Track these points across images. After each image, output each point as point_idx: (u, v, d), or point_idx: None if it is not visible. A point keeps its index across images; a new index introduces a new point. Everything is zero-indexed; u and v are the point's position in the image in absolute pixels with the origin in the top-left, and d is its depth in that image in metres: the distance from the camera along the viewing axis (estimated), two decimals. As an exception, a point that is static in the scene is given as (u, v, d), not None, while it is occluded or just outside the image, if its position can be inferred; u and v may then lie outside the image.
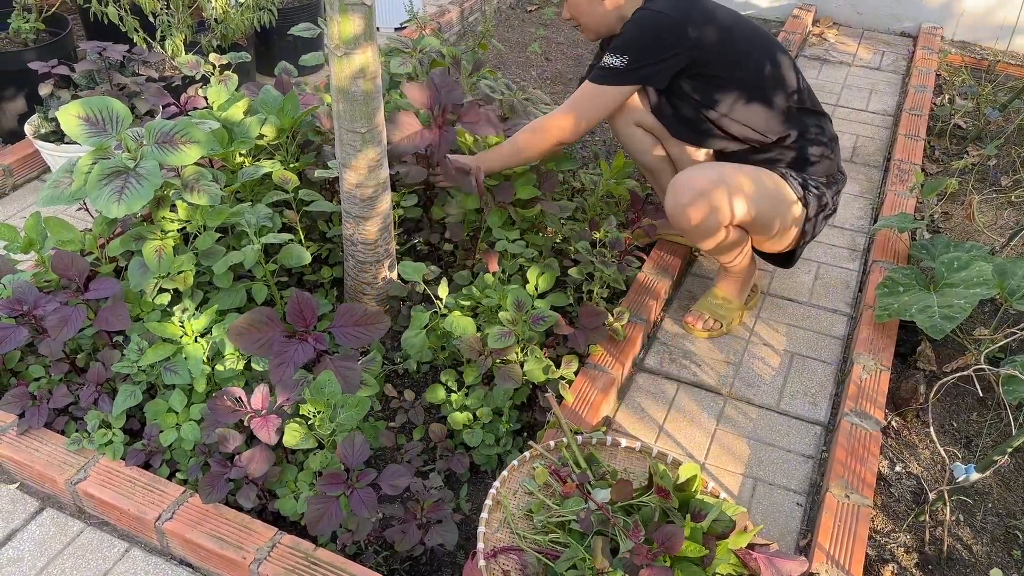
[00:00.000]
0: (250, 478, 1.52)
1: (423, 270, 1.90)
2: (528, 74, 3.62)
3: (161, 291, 1.85)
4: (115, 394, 1.73)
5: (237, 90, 2.23)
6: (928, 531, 1.67)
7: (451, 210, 2.11)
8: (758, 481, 1.81)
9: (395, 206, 2.03)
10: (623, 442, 1.61)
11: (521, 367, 1.77)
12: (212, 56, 2.31)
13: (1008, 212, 2.73)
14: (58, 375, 1.77)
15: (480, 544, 1.38)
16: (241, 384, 1.72)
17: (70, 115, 1.66)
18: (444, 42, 2.60)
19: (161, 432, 1.66)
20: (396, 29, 4.00)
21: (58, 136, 2.54)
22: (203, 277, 1.92)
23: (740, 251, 2.07)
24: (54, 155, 2.56)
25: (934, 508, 1.67)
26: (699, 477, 1.42)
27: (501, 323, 1.79)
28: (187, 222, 1.83)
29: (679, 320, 2.24)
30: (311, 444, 1.53)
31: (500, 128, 2.01)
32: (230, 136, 2.03)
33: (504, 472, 1.52)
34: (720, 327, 2.17)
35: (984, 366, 1.68)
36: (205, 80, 2.67)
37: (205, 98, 2.25)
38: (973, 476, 1.58)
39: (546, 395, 1.71)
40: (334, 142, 1.79)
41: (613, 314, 1.99)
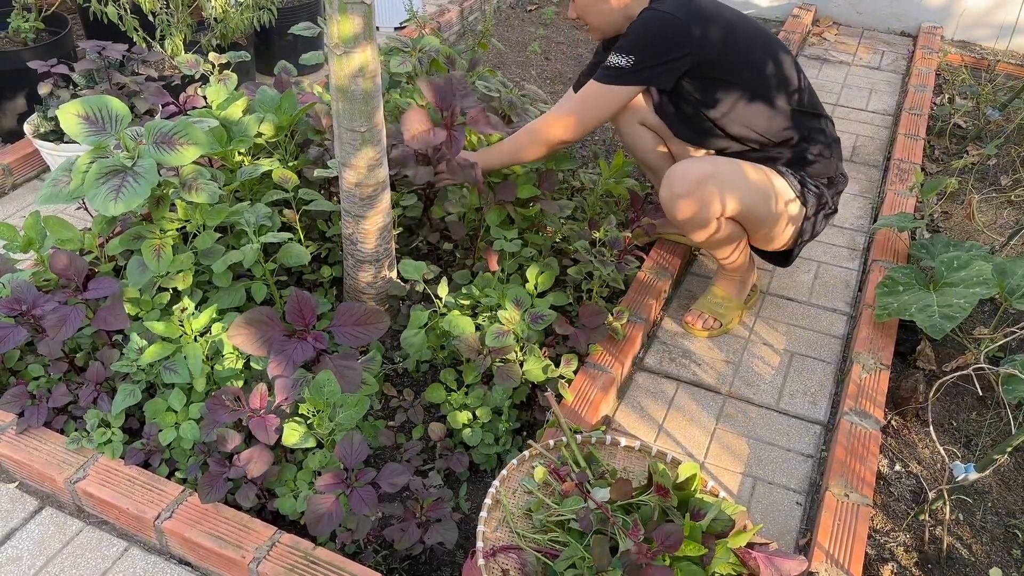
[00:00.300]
0: (249, 477, 1.52)
1: (423, 269, 1.90)
2: (528, 73, 3.62)
3: (160, 290, 1.85)
4: (114, 393, 1.73)
5: (236, 89, 2.22)
6: (928, 530, 1.67)
7: (451, 208, 2.11)
8: (758, 480, 1.81)
9: (394, 205, 2.03)
10: (622, 441, 1.61)
11: (520, 366, 1.77)
12: (211, 55, 2.31)
13: (1008, 211, 2.73)
14: (57, 374, 1.77)
15: (479, 543, 1.38)
16: (240, 383, 1.72)
17: (69, 114, 1.66)
18: (444, 41, 2.60)
19: (160, 431, 1.66)
20: (396, 28, 4.00)
21: (57, 135, 2.54)
22: (202, 276, 1.92)
23: (735, 248, 2.07)
24: (53, 154, 2.56)
25: (934, 507, 1.67)
26: (698, 476, 1.42)
27: (500, 322, 1.79)
28: (186, 221, 1.83)
29: (679, 319, 2.24)
30: (310, 443, 1.53)
31: (503, 128, 2.01)
32: (229, 135, 2.03)
33: (503, 471, 1.52)
34: (720, 326, 2.17)
35: (984, 365, 1.68)
36: (204, 79, 2.67)
37: (204, 97, 2.25)
38: (972, 475, 1.58)
39: (545, 394, 1.71)
40: (332, 141, 1.79)
41: (613, 313, 1.99)
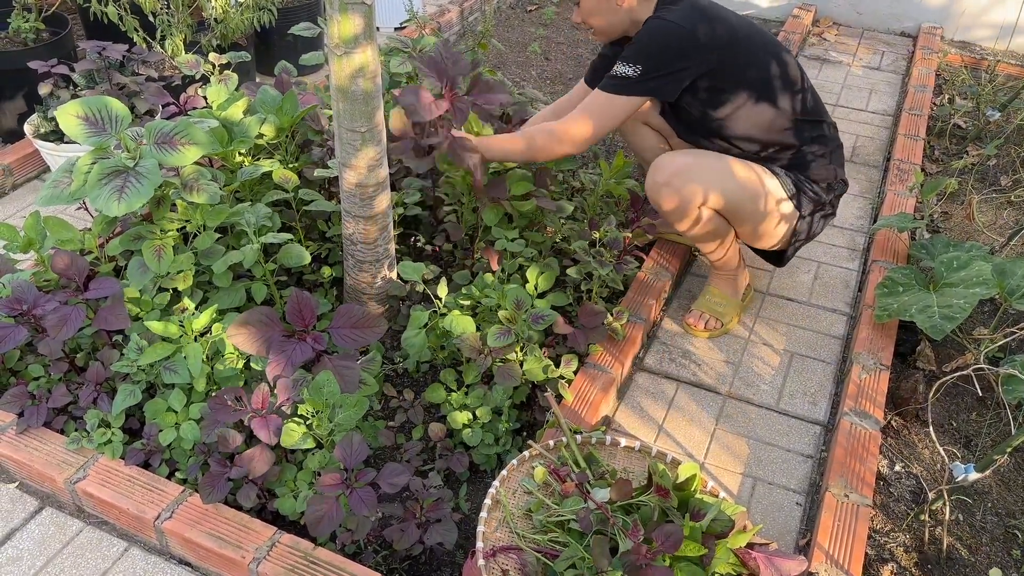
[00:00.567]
0: (250, 478, 1.52)
1: (423, 270, 1.90)
2: (528, 74, 3.62)
3: (161, 290, 1.85)
4: (114, 393, 1.73)
5: (237, 90, 2.23)
6: (927, 531, 1.67)
7: (446, 207, 2.11)
8: (757, 480, 1.81)
9: (397, 205, 2.03)
10: (622, 441, 1.61)
11: (520, 366, 1.77)
12: (212, 56, 2.31)
13: (1008, 212, 2.73)
14: (57, 374, 1.77)
15: (479, 543, 1.38)
16: (241, 383, 1.72)
17: (69, 115, 1.66)
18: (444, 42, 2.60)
19: (160, 431, 1.66)
20: (396, 29, 4.00)
21: (58, 136, 2.54)
22: (203, 276, 1.92)
23: (721, 244, 2.08)
24: (54, 154, 2.56)
25: (933, 508, 1.67)
26: (698, 476, 1.42)
27: (500, 322, 1.79)
28: (187, 221, 1.83)
29: (679, 319, 2.24)
30: (310, 444, 1.53)
31: (508, 102, 1.96)
32: (229, 135, 2.03)
33: (503, 471, 1.52)
34: (720, 326, 2.17)
35: (984, 366, 1.68)
36: (205, 80, 2.67)
37: (205, 97, 2.25)
38: (972, 476, 1.58)
39: (545, 394, 1.71)
40: (332, 141, 1.79)
41: (612, 313, 1.99)
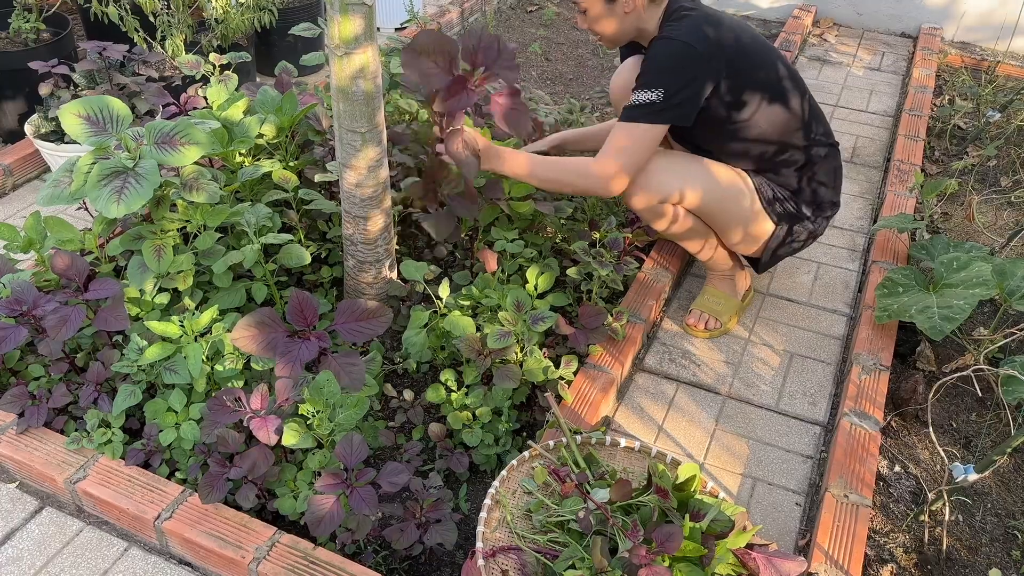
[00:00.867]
0: (250, 478, 1.53)
1: (424, 270, 1.90)
2: (528, 74, 3.62)
3: (161, 291, 1.85)
4: (114, 393, 1.74)
5: (237, 90, 2.23)
6: (927, 531, 1.67)
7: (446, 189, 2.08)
8: (757, 481, 1.81)
9: (397, 204, 2.03)
10: (622, 442, 1.61)
11: (520, 367, 1.77)
12: (212, 56, 2.32)
13: (1008, 212, 2.73)
14: (58, 375, 1.77)
15: (479, 543, 1.38)
16: (240, 384, 1.72)
17: (70, 114, 1.66)
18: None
19: (160, 431, 1.66)
20: (396, 29, 4.00)
21: (58, 136, 2.54)
22: (203, 277, 1.92)
23: (706, 243, 2.09)
24: (54, 155, 2.56)
25: (933, 508, 1.67)
26: (698, 477, 1.42)
27: (500, 323, 1.79)
28: (187, 222, 1.83)
29: (679, 320, 2.24)
30: (310, 444, 1.53)
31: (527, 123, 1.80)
32: (230, 136, 2.03)
33: (503, 472, 1.52)
34: (720, 326, 2.18)
35: (983, 366, 1.68)
36: (205, 80, 2.68)
37: (205, 98, 2.25)
38: (972, 476, 1.58)
39: (545, 395, 1.71)
40: (333, 141, 1.79)
41: (612, 314, 1.99)
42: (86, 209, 2.15)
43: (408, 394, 1.86)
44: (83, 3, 3.00)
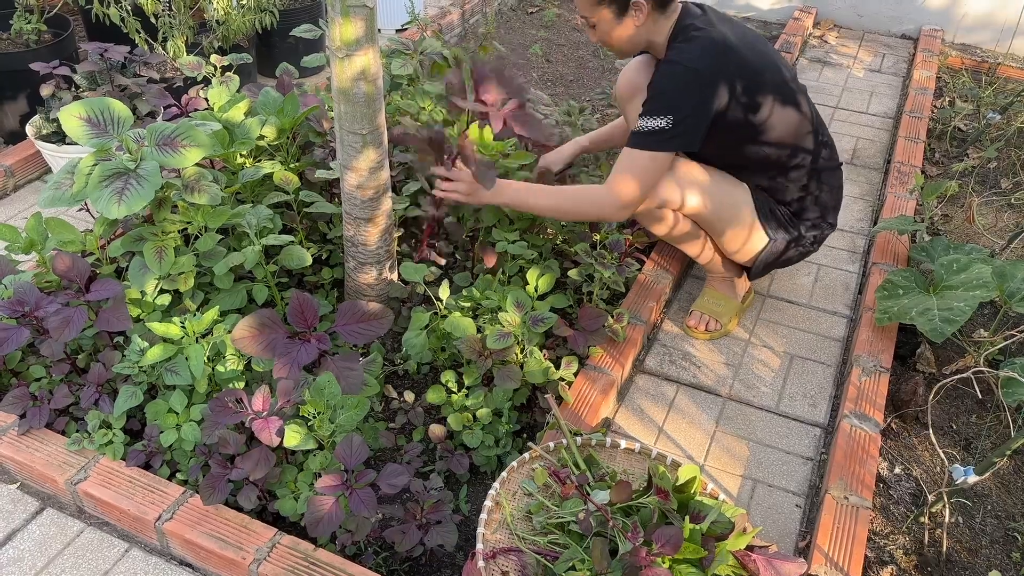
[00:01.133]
0: (251, 479, 1.53)
1: (424, 271, 1.90)
2: (529, 76, 3.63)
3: (162, 292, 1.85)
4: (116, 395, 1.74)
5: (238, 91, 2.23)
6: (927, 533, 1.67)
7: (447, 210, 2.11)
8: (757, 482, 1.81)
9: (397, 205, 2.03)
10: (622, 443, 1.61)
11: (521, 368, 1.77)
12: (213, 57, 2.32)
13: (1008, 214, 2.73)
14: (59, 376, 1.77)
15: (479, 545, 1.38)
16: (241, 385, 1.72)
17: (72, 115, 1.67)
18: (445, 44, 2.60)
19: (162, 433, 1.66)
20: (397, 31, 4.01)
21: (59, 137, 2.54)
22: (204, 278, 1.93)
23: (704, 247, 2.11)
24: (55, 156, 2.57)
25: (933, 510, 1.68)
26: (698, 478, 1.42)
27: (501, 324, 1.80)
28: (188, 223, 1.83)
29: (679, 321, 2.25)
30: (311, 445, 1.53)
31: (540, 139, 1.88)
32: (231, 137, 2.04)
33: (504, 473, 1.53)
34: (720, 327, 2.18)
35: (983, 368, 1.68)
36: (206, 81, 2.68)
37: (206, 99, 2.25)
38: (972, 478, 1.58)
39: (546, 396, 1.71)
40: (334, 143, 1.79)
41: (613, 315, 1.99)
42: (87, 210, 2.15)
43: (409, 395, 1.86)
44: (84, 4, 3.01)
